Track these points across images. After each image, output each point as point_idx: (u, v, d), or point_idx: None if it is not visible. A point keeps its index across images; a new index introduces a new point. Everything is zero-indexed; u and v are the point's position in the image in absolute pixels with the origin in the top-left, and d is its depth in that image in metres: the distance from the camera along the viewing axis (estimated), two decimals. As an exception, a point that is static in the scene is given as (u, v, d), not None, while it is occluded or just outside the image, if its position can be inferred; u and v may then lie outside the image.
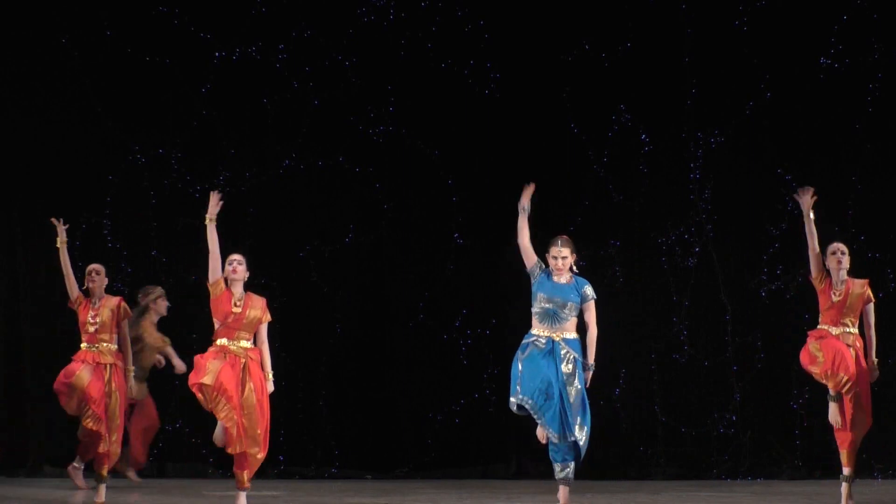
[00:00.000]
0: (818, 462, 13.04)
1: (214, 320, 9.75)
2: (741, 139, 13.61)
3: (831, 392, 9.88)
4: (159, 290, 12.64)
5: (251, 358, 9.57)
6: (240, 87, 13.79)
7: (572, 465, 9.26)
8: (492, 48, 13.83)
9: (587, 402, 9.27)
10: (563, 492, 9.31)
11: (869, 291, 9.96)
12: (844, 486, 9.92)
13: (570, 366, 9.20)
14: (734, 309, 13.46)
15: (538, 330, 9.32)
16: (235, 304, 9.63)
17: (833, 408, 9.91)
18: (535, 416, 9.17)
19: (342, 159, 13.89)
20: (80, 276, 13.18)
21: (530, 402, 9.12)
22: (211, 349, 9.71)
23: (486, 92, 13.84)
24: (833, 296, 9.91)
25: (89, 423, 10.22)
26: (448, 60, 13.84)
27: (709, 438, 13.40)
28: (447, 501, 10.62)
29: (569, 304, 9.31)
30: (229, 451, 9.57)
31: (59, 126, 13.68)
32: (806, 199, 9.95)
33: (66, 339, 13.61)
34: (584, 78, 13.75)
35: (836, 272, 9.95)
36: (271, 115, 13.86)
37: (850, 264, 10.00)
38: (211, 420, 13.29)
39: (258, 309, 9.65)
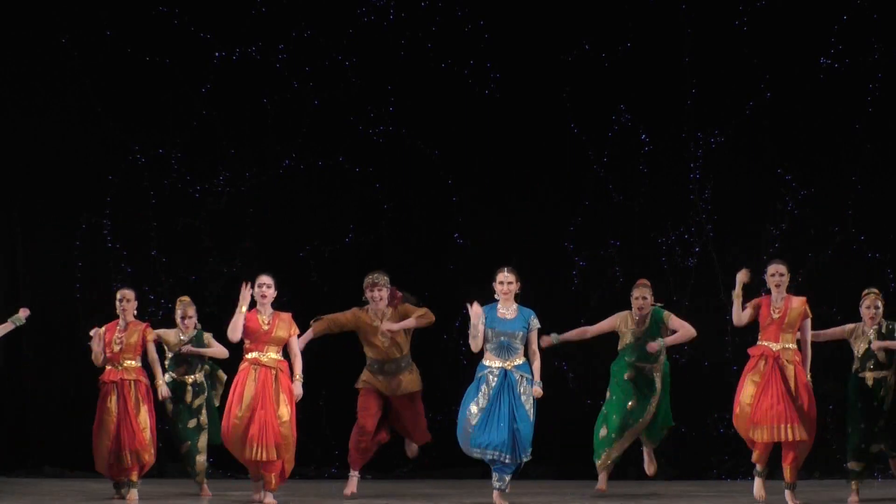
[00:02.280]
0: (818, 462, 13.02)
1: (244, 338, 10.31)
2: (741, 139, 13.61)
3: (758, 468, 10.45)
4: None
5: (281, 370, 10.25)
6: (240, 87, 13.79)
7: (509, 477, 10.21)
8: (492, 48, 13.83)
9: (534, 415, 10.08)
10: (499, 497, 10.22)
11: (807, 308, 10.31)
12: (788, 493, 10.36)
13: (524, 387, 10.02)
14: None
15: (490, 361, 10.04)
16: (264, 323, 10.24)
17: (758, 482, 10.45)
18: (496, 461, 10.07)
19: (342, 159, 13.89)
20: (81, 275, 13.24)
21: (493, 453, 10.02)
22: (242, 365, 10.33)
23: (486, 92, 13.84)
24: (773, 313, 10.27)
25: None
26: (448, 60, 13.84)
27: (709, 438, 13.40)
28: (447, 501, 10.62)
29: (518, 334, 10.00)
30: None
31: (59, 126, 13.70)
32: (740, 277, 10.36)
33: (67, 339, 13.64)
34: (584, 78, 13.75)
35: (776, 293, 10.33)
36: (271, 115, 13.86)
37: (848, 264, 10.12)
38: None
39: (284, 329, 10.30)
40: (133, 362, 10.74)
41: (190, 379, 11.10)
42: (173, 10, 13.76)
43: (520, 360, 10.04)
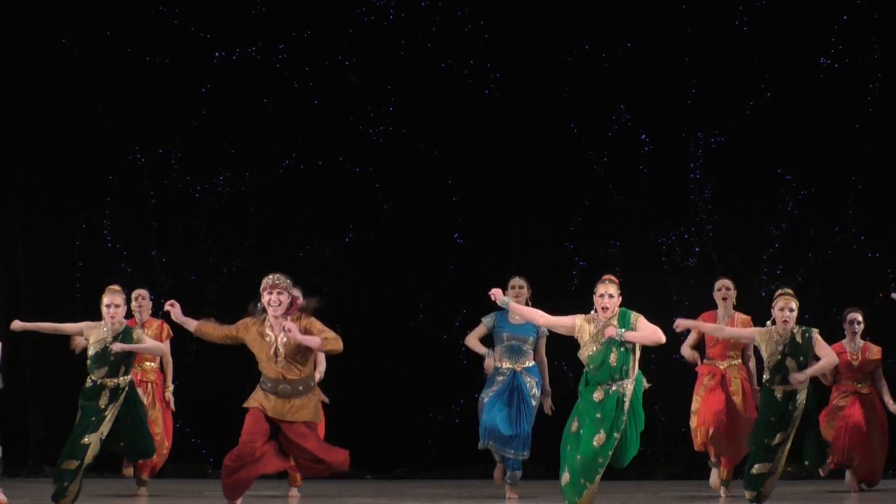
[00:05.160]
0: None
1: None
2: (741, 139, 13.61)
3: (711, 459, 10.85)
4: None
5: None
6: (240, 87, 13.79)
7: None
8: (492, 48, 13.83)
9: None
10: (511, 490, 10.62)
11: (752, 326, 10.53)
12: (722, 488, 10.92)
13: (535, 390, 10.44)
14: (734, 309, 13.44)
15: (500, 363, 10.47)
16: None
17: (713, 473, 10.90)
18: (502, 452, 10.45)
19: (342, 159, 13.89)
20: (81, 275, 13.22)
21: (493, 445, 10.42)
22: None
23: (486, 92, 13.84)
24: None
25: None
26: (448, 60, 13.84)
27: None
28: (447, 501, 10.62)
29: (529, 339, 10.45)
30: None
31: (59, 126, 13.69)
32: None
33: (67, 339, 13.63)
34: (584, 78, 13.75)
35: (723, 307, 10.72)
36: (271, 115, 13.86)
37: (848, 264, 10.13)
38: (211, 420, 13.31)
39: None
40: (153, 363, 10.81)
41: (111, 383, 9.50)
42: (173, 10, 13.76)
43: (529, 363, 10.46)
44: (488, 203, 13.81)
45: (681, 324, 9.65)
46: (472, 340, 10.56)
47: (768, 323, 9.42)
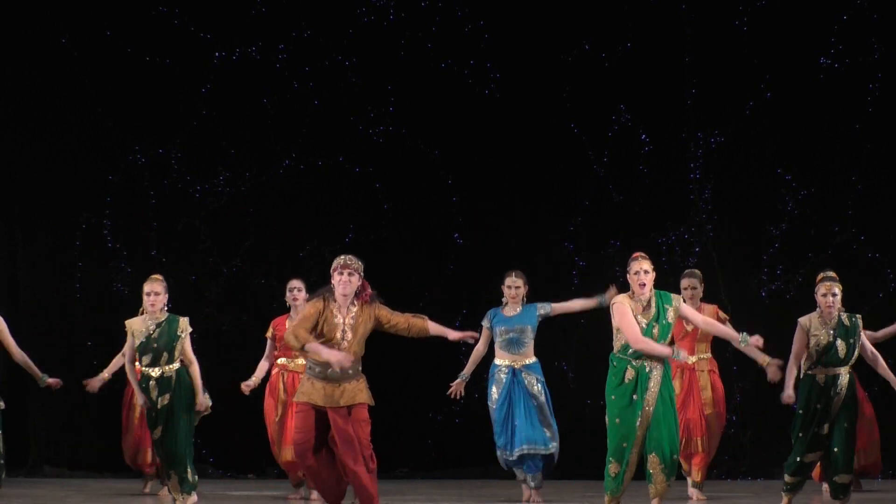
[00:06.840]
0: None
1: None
2: (741, 139, 13.61)
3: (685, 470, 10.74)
4: None
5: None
6: (240, 87, 13.80)
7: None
8: (492, 48, 13.83)
9: (552, 411, 10.30)
10: (536, 494, 10.41)
11: (719, 312, 10.56)
12: (696, 491, 10.79)
13: (537, 387, 10.23)
14: (734, 309, 13.44)
15: (501, 359, 10.35)
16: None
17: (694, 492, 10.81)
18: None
19: (342, 159, 13.89)
20: (81, 275, 13.21)
21: (513, 452, 10.25)
22: (273, 371, 10.68)
23: (486, 92, 13.84)
24: (686, 326, 10.29)
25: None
26: (448, 60, 13.85)
27: (709, 438, 13.39)
28: (447, 501, 10.62)
29: (527, 328, 10.27)
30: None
31: (59, 126, 13.70)
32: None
33: (66, 338, 13.65)
34: (584, 78, 13.75)
35: (689, 301, 10.36)
36: (271, 115, 13.86)
37: (848, 264, 10.10)
38: (211, 420, 13.28)
39: None
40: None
41: (155, 372, 9.46)
42: (173, 10, 13.76)
43: (529, 360, 10.29)
44: (488, 203, 13.81)
45: (775, 378, 9.62)
46: (475, 353, 10.53)
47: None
